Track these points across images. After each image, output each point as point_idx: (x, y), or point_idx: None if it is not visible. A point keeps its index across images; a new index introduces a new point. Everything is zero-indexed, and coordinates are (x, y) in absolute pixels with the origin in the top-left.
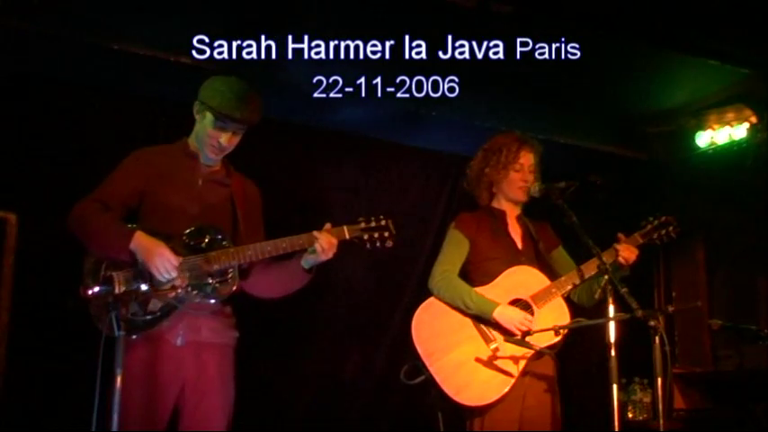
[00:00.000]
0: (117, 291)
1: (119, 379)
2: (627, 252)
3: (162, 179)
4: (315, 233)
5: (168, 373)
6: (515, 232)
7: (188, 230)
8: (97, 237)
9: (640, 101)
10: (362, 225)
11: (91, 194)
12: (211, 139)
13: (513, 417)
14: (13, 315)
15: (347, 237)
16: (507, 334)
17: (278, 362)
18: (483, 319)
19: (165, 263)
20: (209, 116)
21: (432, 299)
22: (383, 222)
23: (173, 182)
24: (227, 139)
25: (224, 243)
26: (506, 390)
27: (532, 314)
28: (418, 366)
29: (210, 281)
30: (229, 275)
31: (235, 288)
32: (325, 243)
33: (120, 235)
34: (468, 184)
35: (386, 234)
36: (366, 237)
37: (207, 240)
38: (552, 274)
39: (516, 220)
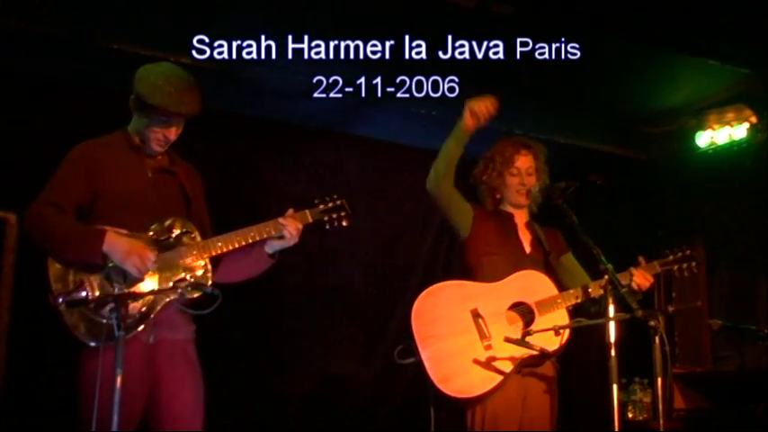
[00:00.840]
0: (91, 296)
1: (119, 379)
2: (642, 279)
3: (111, 174)
4: (281, 220)
5: (140, 371)
6: (524, 236)
7: (154, 226)
8: (64, 242)
9: (640, 101)
10: (321, 207)
11: (41, 197)
12: (156, 134)
13: (514, 416)
14: (13, 315)
15: (310, 220)
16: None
17: (277, 361)
18: (482, 314)
19: (145, 262)
20: (150, 113)
21: (437, 285)
22: (339, 202)
23: (123, 176)
24: (172, 133)
25: (192, 236)
26: (490, 387)
27: (533, 319)
28: (411, 347)
29: (187, 276)
30: (204, 268)
31: (211, 280)
32: (292, 229)
33: (90, 237)
34: (477, 191)
35: (342, 214)
36: (326, 218)
37: (174, 235)
38: (558, 282)
39: (525, 225)
